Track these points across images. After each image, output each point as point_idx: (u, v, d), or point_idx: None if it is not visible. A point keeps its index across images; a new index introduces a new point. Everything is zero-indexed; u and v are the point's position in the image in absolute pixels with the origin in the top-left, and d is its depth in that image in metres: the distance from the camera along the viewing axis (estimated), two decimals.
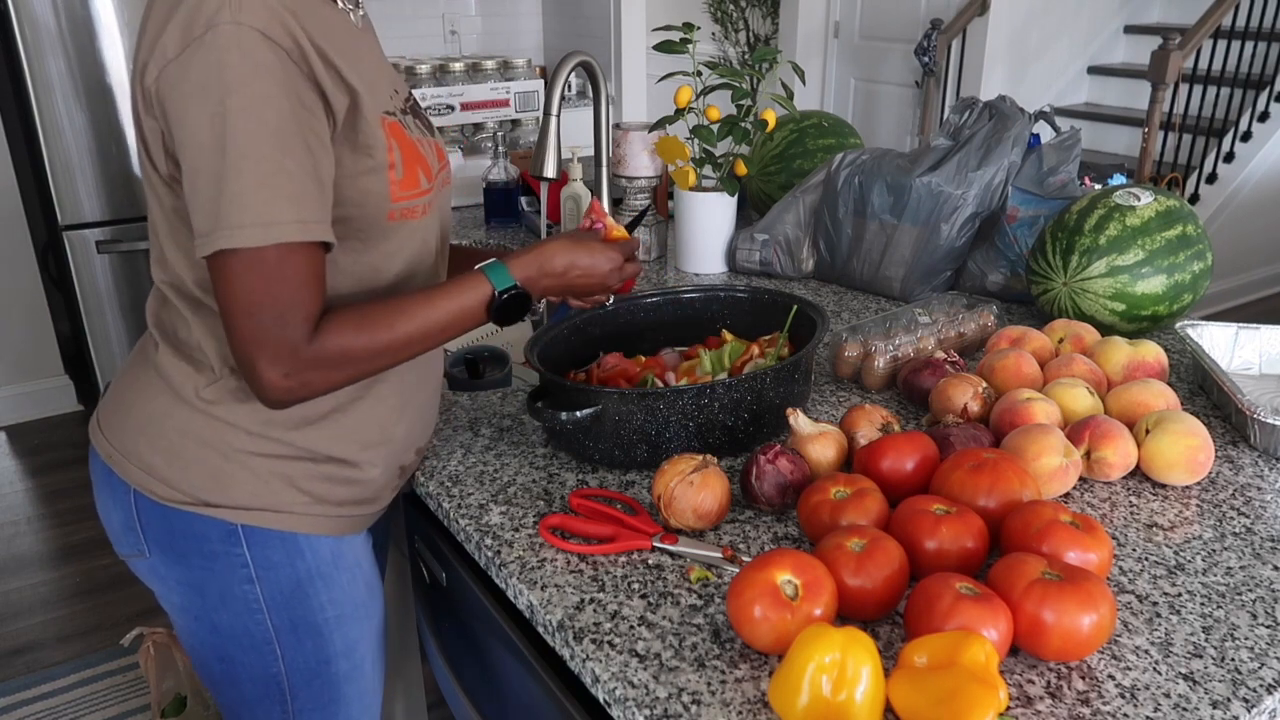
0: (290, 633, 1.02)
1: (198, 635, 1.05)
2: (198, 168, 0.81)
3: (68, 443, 3.33)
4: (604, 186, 1.78)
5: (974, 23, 4.31)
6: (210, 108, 0.80)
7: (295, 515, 0.98)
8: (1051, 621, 0.76)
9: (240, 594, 0.99)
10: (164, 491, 0.96)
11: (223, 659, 1.04)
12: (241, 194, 0.80)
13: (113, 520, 1.03)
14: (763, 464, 0.98)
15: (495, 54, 4.18)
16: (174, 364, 0.96)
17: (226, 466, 0.95)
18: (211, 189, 0.81)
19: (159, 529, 0.99)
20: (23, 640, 2.35)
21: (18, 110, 3.17)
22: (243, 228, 0.80)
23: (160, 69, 0.82)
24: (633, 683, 0.78)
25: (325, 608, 1.03)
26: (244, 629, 1.01)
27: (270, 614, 1.01)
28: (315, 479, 0.98)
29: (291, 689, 1.06)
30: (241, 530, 0.97)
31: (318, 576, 1.02)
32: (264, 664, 1.04)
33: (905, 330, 1.33)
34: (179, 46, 0.81)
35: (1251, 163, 4.17)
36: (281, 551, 0.99)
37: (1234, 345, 1.34)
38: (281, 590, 1.00)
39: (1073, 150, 1.58)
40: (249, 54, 0.80)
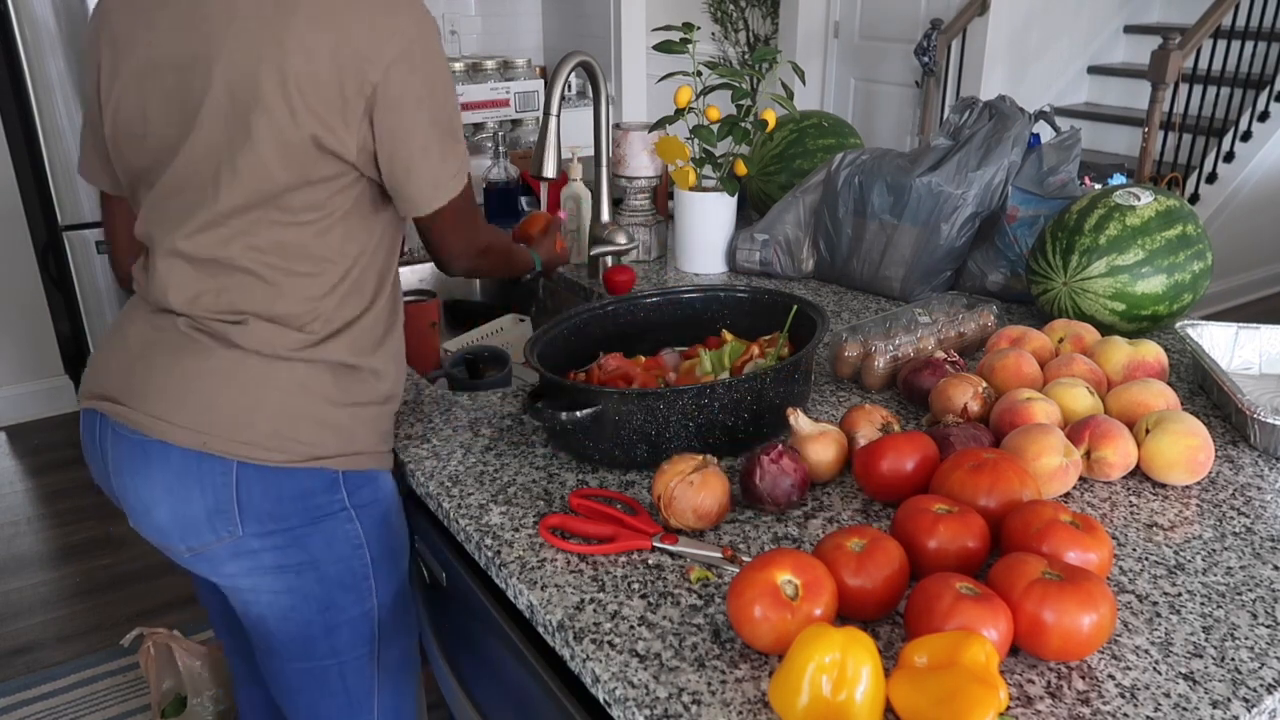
0: (383, 562, 1.15)
1: (300, 590, 1.11)
2: (425, 148, 1.04)
3: (68, 443, 3.32)
4: (604, 186, 1.78)
5: (974, 23, 4.31)
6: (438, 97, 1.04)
7: (375, 454, 1.12)
8: (1051, 621, 0.76)
9: (343, 534, 1.10)
10: (277, 456, 1.03)
11: (327, 607, 1.12)
12: (459, 140, 1.10)
13: (193, 511, 1.03)
14: (766, 464, 0.98)
15: (495, 54, 4.18)
16: (270, 330, 1.04)
17: (327, 420, 1.06)
18: (439, 160, 1.05)
19: (263, 498, 1.04)
20: (23, 640, 2.35)
21: (18, 110, 3.17)
22: (466, 164, 1.10)
23: (385, 69, 0.98)
24: (633, 683, 0.78)
25: (399, 532, 1.17)
26: (348, 568, 1.12)
27: (370, 547, 1.12)
28: (382, 419, 1.13)
29: (380, 622, 1.17)
30: (342, 477, 1.08)
31: (393, 507, 1.16)
32: (362, 601, 1.14)
33: (905, 330, 1.33)
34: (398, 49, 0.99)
35: (1251, 163, 4.17)
36: (369, 490, 1.11)
37: (1234, 345, 1.34)
38: (375, 524, 1.13)
39: (1073, 150, 1.58)
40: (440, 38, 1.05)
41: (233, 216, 1.01)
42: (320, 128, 0.98)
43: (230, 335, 1.03)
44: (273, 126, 0.97)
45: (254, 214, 1.01)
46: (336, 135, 0.99)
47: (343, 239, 1.05)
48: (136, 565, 2.62)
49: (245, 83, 0.96)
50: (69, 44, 3.00)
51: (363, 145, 1.01)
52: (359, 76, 0.97)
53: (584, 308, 1.29)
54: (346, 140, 0.99)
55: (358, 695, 1.19)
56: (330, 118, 0.98)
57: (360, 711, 1.20)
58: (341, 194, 1.03)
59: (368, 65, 0.97)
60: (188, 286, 1.04)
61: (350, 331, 1.08)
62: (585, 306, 1.30)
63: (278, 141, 0.98)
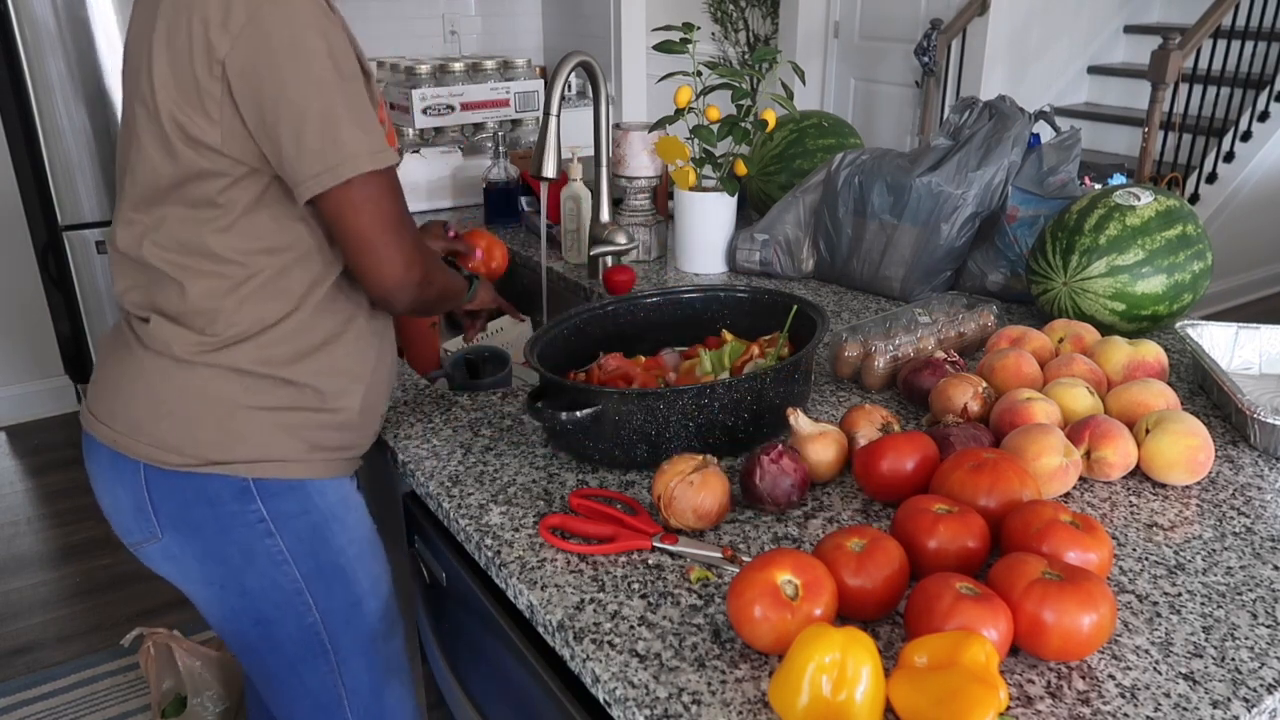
0: (318, 578, 1.07)
1: (227, 604, 1.07)
2: (303, 114, 0.90)
3: (68, 443, 3.33)
4: (604, 186, 1.78)
5: (974, 23, 4.31)
6: (303, 59, 0.90)
7: (299, 463, 1.03)
8: (1051, 621, 0.76)
9: (263, 549, 1.03)
10: (174, 459, 1.00)
11: (258, 621, 1.07)
12: (354, 128, 0.93)
13: (121, 507, 1.05)
14: (766, 464, 0.98)
15: (495, 54, 4.17)
16: (170, 330, 1.00)
17: (230, 423, 1.00)
18: (325, 129, 0.91)
19: (171, 502, 1.02)
20: (23, 640, 2.35)
21: (18, 110, 3.17)
22: (368, 154, 0.93)
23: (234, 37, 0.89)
24: (633, 683, 0.78)
25: (345, 548, 1.08)
26: (273, 583, 1.05)
27: (296, 563, 1.05)
28: (310, 427, 1.04)
29: (331, 637, 1.10)
30: (253, 485, 1.02)
31: (331, 519, 1.07)
32: (299, 616, 1.07)
33: (905, 330, 1.33)
34: (246, 13, 0.89)
35: (1251, 163, 4.17)
36: (293, 500, 1.04)
37: (1234, 345, 1.34)
38: (301, 538, 1.05)
39: (1073, 150, 1.58)
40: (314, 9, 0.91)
41: (138, 212, 1.00)
42: (183, 116, 0.92)
43: (140, 333, 1.02)
44: (148, 119, 0.95)
45: (156, 210, 0.99)
46: (198, 124, 0.92)
47: (246, 237, 0.98)
48: (136, 565, 2.61)
49: (132, 75, 0.97)
50: (69, 44, 3.00)
51: (230, 133, 0.93)
52: (207, 55, 0.90)
53: (584, 308, 1.29)
54: (209, 129, 0.92)
55: (325, 702, 1.14)
56: (188, 106, 0.92)
57: (333, 714, 1.15)
58: (235, 188, 0.96)
59: (216, 41, 0.89)
60: (122, 279, 1.05)
61: (260, 339, 1.00)
62: (585, 306, 1.30)
63: (154, 134, 0.95)
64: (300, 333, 1.02)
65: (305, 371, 1.03)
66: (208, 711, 1.84)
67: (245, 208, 0.98)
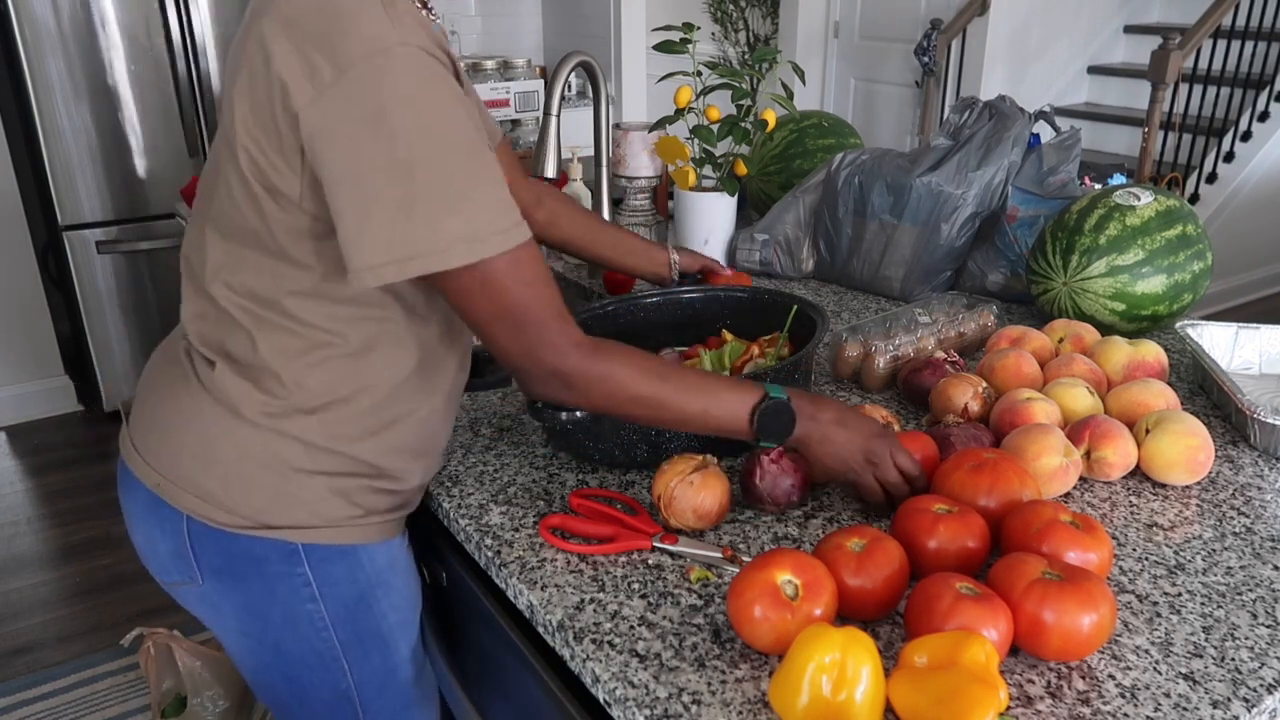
0: (357, 646, 1.02)
1: (260, 658, 1.03)
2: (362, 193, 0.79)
3: (68, 443, 3.33)
4: (604, 186, 1.78)
5: (974, 23, 4.31)
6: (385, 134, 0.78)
7: (352, 528, 0.98)
8: (1051, 621, 0.76)
9: (304, 613, 0.99)
10: (223, 517, 0.94)
11: (289, 679, 1.03)
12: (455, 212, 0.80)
13: (158, 549, 1.00)
14: (766, 464, 0.98)
15: (495, 54, 4.18)
16: (235, 383, 0.93)
17: (286, 487, 0.94)
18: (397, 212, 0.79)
19: (215, 555, 0.97)
20: (23, 640, 2.35)
21: (18, 110, 3.17)
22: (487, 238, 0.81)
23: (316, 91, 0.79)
24: (633, 683, 0.78)
25: (388, 615, 1.04)
26: (310, 648, 1.01)
27: (336, 630, 1.01)
28: (366, 492, 0.98)
29: (363, 702, 1.05)
30: (303, 549, 0.96)
31: (378, 585, 1.02)
32: (333, 681, 1.03)
33: (905, 330, 1.33)
34: (334, 73, 0.78)
35: (1251, 163, 4.17)
36: (342, 566, 0.98)
37: (1234, 345, 1.34)
38: (345, 605, 1.00)
39: (1073, 150, 1.58)
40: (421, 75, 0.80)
41: (216, 238, 0.92)
42: (263, 160, 0.84)
43: (202, 375, 0.95)
44: (230, 154, 0.86)
45: (235, 249, 0.91)
46: (278, 170, 0.84)
47: (328, 303, 0.90)
48: (136, 565, 2.61)
49: (225, 110, 0.88)
50: (69, 44, 3.00)
51: (311, 187, 0.84)
52: (284, 104, 0.80)
53: (584, 308, 1.29)
54: (290, 179, 0.84)
55: None
56: (269, 149, 0.84)
57: None
58: (322, 247, 0.87)
59: (298, 90, 0.79)
60: (189, 304, 0.97)
61: (327, 415, 0.93)
62: (585, 306, 1.30)
63: (235, 173, 0.86)
64: (373, 412, 0.95)
65: (370, 450, 0.96)
66: (208, 711, 1.84)
67: (329, 271, 0.88)
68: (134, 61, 3.13)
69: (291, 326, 0.91)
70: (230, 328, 0.93)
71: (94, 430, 3.40)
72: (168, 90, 3.20)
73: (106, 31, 3.06)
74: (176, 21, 3.15)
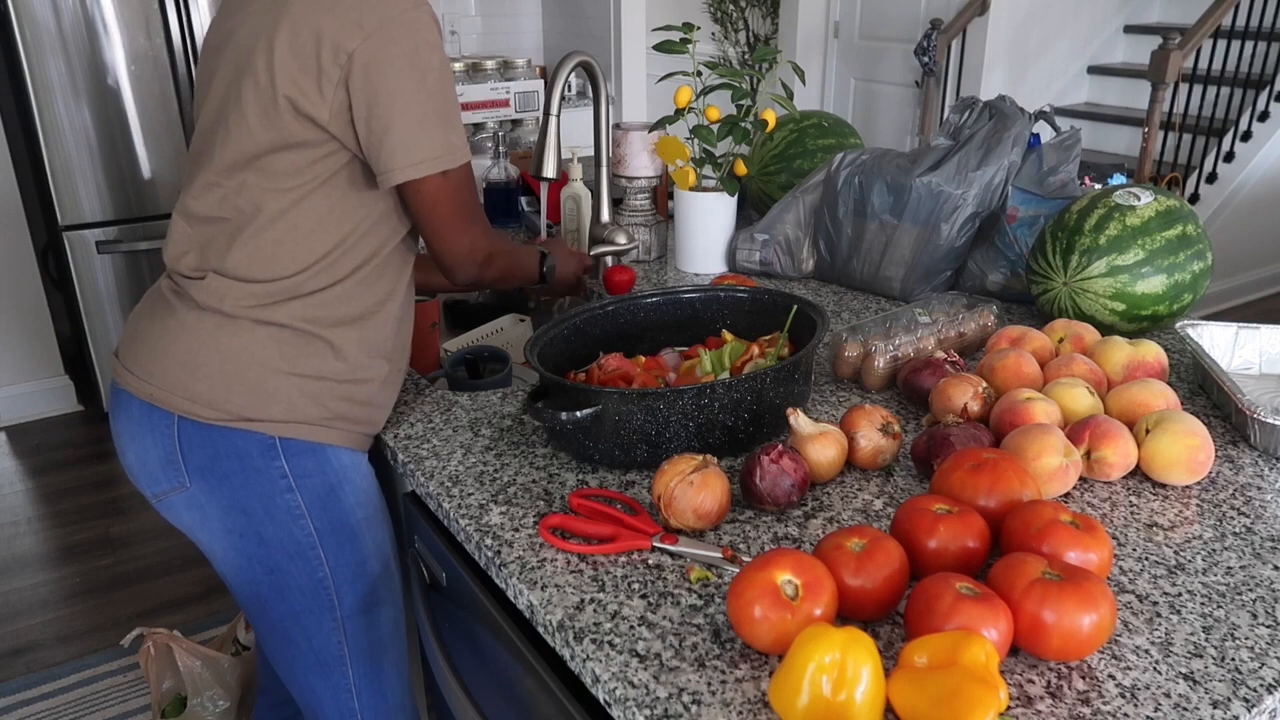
0: (330, 534, 1.16)
1: (244, 553, 1.15)
2: (407, 110, 1.05)
3: (68, 443, 3.33)
4: (604, 186, 1.78)
5: (974, 22, 4.31)
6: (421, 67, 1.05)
7: (322, 428, 1.13)
8: (1052, 621, 0.76)
9: (283, 503, 1.13)
10: (209, 413, 1.09)
11: (271, 570, 1.16)
12: (452, 128, 1.09)
13: (150, 459, 1.13)
14: (766, 464, 0.98)
15: (495, 54, 4.18)
16: (223, 283, 1.10)
17: (263, 385, 1.10)
18: (429, 125, 1.07)
19: (202, 453, 1.11)
20: (23, 640, 2.35)
21: (18, 110, 3.18)
22: (459, 149, 1.10)
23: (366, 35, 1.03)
24: (633, 683, 0.78)
25: (355, 510, 1.18)
26: (289, 535, 1.14)
27: (311, 518, 1.14)
28: (334, 397, 1.13)
29: (338, 591, 1.19)
30: (279, 443, 1.11)
31: (345, 481, 1.16)
32: (310, 569, 1.16)
33: (905, 330, 1.33)
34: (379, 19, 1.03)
35: (1251, 163, 4.17)
36: (313, 460, 1.13)
37: (1234, 345, 1.34)
38: (318, 495, 1.14)
39: (1073, 150, 1.58)
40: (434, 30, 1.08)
41: (224, 176, 1.09)
42: (295, 91, 1.04)
43: (191, 292, 1.11)
44: (256, 90, 1.06)
45: (240, 175, 1.09)
46: (310, 99, 1.04)
47: (315, 208, 1.09)
48: (136, 565, 2.62)
49: (245, 54, 1.07)
50: (69, 44, 3.00)
51: (337, 111, 1.05)
52: (335, 46, 1.03)
53: (584, 308, 1.29)
54: (319, 105, 1.04)
55: (326, 658, 1.22)
56: (304, 82, 1.04)
57: (333, 673, 1.23)
58: (321, 162, 1.08)
59: (345, 37, 1.03)
60: (178, 244, 1.14)
61: (307, 299, 1.11)
62: (585, 306, 1.30)
63: (259, 103, 1.06)
64: (344, 300, 1.13)
65: (341, 336, 1.13)
66: (208, 711, 1.84)
67: (323, 181, 1.09)
68: (134, 61, 3.13)
69: (282, 231, 1.09)
70: (223, 244, 1.10)
71: (94, 430, 3.40)
72: (168, 90, 3.20)
73: (106, 31, 3.06)
74: (176, 21, 3.15)
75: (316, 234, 1.10)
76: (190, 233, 1.13)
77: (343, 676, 1.24)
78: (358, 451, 1.19)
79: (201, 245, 1.12)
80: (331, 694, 1.24)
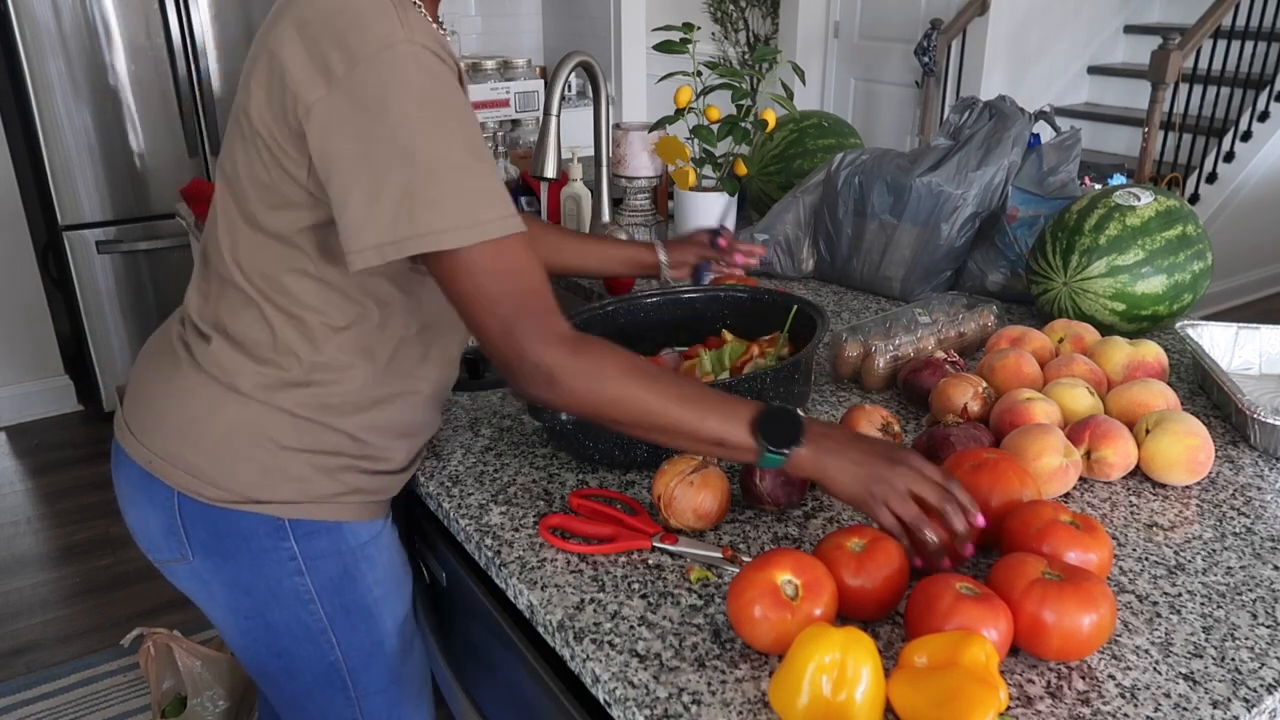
0: (344, 618, 1.06)
1: (249, 634, 1.07)
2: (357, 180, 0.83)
3: (68, 443, 3.33)
4: (604, 186, 1.78)
5: (974, 23, 4.31)
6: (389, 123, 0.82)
7: (336, 505, 1.02)
8: (1052, 621, 0.76)
9: (290, 586, 1.03)
10: (211, 493, 0.98)
11: (279, 654, 1.07)
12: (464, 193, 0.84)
13: (150, 527, 1.03)
14: None
15: (495, 54, 4.18)
16: (230, 356, 0.98)
17: (273, 463, 0.98)
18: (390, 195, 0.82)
19: (204, 531, 1.01)
20: (23, 640, 2.35)
21: (18, 110, 3.18)
22: (482, 224, 0.84)
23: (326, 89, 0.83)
24: (633, 683, 0.78)
25: (372, 588, 1.07)
26: (298, 621, 1.04)
27: (322, 603, 1.04)
28: (350, 471, 1.02)
29: (352, 674, 1.09)
30: (289, 524, 1.00)
31: (362, 559, 1.05)
32: (321, 654, 1.07)
33: (905, 330, 1.33)
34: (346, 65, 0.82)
35: (1251, 163, 4.17)
36: (326, 540, 1.02)
37: (1234, 345, 1.34)
38: (331, 578, 1.04)
39: (1073, 150, 1.58)
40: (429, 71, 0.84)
41: (232, 225, 0.97)
42: (275, 145, 0.89)
43: (196, 353, 1.00)
44: (241, 138, 0.93)
45: (246, 230, 0.96)
46: (287, 155, 0.89)
47: (324, 284, 0.96)
48: (136, 565, 2.62)
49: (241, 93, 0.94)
50: (69, 44, 3.00)
51: (312, 176, 0.89)
52: (295, 95, 0.85)
53: (584, 308, 1.29)
54: (298, 165, 0.89)
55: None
56: (281, 134, 0.89)
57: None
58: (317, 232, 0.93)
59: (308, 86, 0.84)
60: (195, 287, 1.03)
61: (320, 388, 0.98)
62: (585, 306, 1.30)
63: (244, 153, 0.93)
64: (364, 389, 1.00)
65: (357, 425, 1.00)
66: (208, 711, 1.84)
67: (325, 254, 0.94)
68: (134, 61, 3.13)
69: (290, 304, 0.96)
70: (232, 303, 0.98)
71: (94, 430, 3.40)
72: (168, 90, 3.20)
73: (107, 31, 3.06)
74: (176, 21, 3.15)
75: (324, 313, 0.96)
76: (204, 276, 1.02)
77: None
78: (377, 521, 1.07)
79: (213, 295, 1.00)
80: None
